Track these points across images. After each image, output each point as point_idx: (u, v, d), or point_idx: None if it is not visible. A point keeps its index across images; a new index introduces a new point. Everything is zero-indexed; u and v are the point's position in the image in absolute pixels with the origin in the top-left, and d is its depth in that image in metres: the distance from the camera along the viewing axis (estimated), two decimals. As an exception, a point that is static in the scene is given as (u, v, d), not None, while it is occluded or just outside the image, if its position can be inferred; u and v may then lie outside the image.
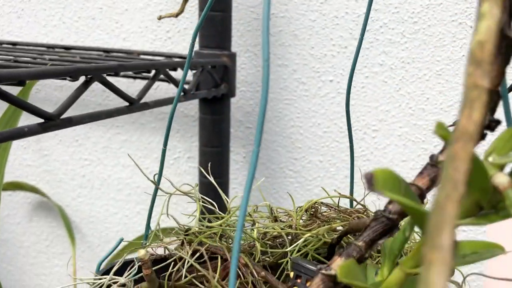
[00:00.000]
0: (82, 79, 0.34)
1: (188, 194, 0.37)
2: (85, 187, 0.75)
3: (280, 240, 0.35)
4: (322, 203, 0.39)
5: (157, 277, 0.32)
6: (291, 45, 0.61)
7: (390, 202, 0.20)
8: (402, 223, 0.20)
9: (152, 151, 0.70)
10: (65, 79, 0.32)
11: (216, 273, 0.31)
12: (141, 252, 0.31)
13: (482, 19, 0.16)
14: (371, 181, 0.21)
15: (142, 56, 0.64)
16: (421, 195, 0.22)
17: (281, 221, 0.37)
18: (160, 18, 0.52)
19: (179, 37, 0.66)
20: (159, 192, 0.38)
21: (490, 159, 0.18)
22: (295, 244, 0.33)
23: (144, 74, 0.49)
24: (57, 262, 0.79)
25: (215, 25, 0.56)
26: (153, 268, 0.32)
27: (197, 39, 0.60)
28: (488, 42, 0.15)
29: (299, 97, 0.62)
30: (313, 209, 0.38)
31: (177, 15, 0.50)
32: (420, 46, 0.57)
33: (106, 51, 0.64)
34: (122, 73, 0.44)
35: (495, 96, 0.20)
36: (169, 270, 0.33)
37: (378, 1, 0.57)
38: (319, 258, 0.34)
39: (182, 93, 0.48)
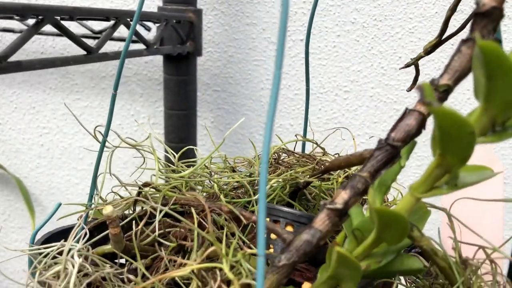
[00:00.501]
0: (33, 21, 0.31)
1: (137, 146, 0.34)
2: (44, 157, 0.71)
3: (242, 190, 0.33)
4: (283, 149, 0.37)
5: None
6: (260, 2, 0.58)
7: (393, 130, 0.18)
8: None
9: (115, 117, 0.67)
10: (12, 18, 0.29)
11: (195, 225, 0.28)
12: (107, 209, 0.28)
13: None
14: (422, 94, 0.19)
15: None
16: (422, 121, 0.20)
17: (239, 171, 0.35)
18: None
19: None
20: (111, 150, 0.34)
21: None
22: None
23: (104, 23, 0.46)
24: (16, 237, 0.75)
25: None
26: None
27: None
28: None
29: (268, 57, 0.60)
30: (274, 156, 0.36)
31: None
32: (393, 3, 0.55)
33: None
34: (79, 19, 0.40)
35: (500, 14, 0.19)
36: (134, 229, 0.31)
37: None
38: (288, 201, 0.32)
39: (145, 47, 0.45)
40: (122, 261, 0.31)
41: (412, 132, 0.18)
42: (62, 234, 0.32)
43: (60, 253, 0.29)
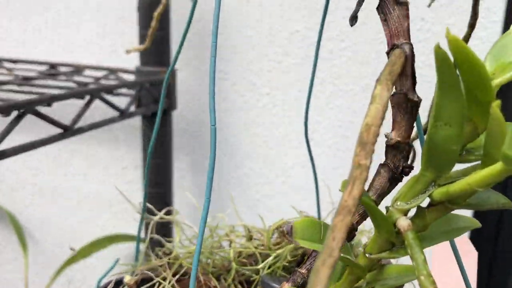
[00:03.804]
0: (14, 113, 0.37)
1: (170, 219, 0.41)
2: (37, 195, 0.77)
3: (254, 258, 0.40)
4: (289, 223, 0.43)
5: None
6: (230, 60, 0.64)
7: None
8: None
9: (100, 161, 0.73)
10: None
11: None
12: (127, 278, 0.35)
13: (373, 102, 0.19)
14: (291, 232, 0.24)
15: (86, 71, 0.67)
16: (351, 230, 0.26)
17: (255, 239, 0.41)
18: (128, 52, 0.55)
19: (123, 50, 0.68)
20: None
21: (396, 204, 0.22)
22: (265, 262, 0.37)
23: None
24: (10, 268, 0.81)
25: (155, 42, 0.59)
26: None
27: (137, 56, 0.62)
28: (374, 125, 0.18)
29: (239, 108, 0.66)
30: (281, 228, 0.42)
31: (144, 49, 0.53)
32: (347, 63, 0.61)
33: (52, 65, 0.66)
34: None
35: (406, 147, 0.23)
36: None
37: (309, 20, 0.61)
38: (285, 275, 0.38)
39: (118, 113, 0.51)
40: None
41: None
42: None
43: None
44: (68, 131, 0.41)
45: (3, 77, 0.59)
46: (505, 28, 0.55)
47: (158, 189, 0.63)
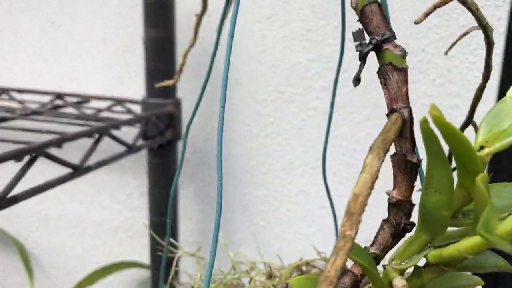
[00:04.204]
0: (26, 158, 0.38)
1: (195, 255, 0.42)
2: (43, 222, 0.78)
3: None
4: (307, 263, 0.43)
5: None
6: (235, 90, 0.65)
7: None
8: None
9: (106, 188, 0.74)
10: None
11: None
12: None
13: (363, 171, 0.19)
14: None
15: (92, 102, 0.68)
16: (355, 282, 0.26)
17: (275, 276, 0.42)
18: (159, 86, 0.56)
19: (128, 80, 0.69)
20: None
21: (393, 263, 0.23)
22: None
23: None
24: (17, 294, 0.82)
25: (161, 75, 0.60)
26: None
27: (143, 88, 0.63)
28: (362, 195, 0.18)
29: (243, 138, 0.67)
30: (300, 270, 0.43)
31: (173, 84, 0.54)
32: (350, 93, 0.62)
33: (58, 95, 0.67)
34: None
35: (407, 205, 0.24)
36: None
37: (311, 51, 0.62)
38: None
39: (126, 148, 0.51)
40: None
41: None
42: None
43: None
44: (77, 170, 0.42)
45: (11, 110, 0.60)
46: (505, 61, 0.56)
47: (163, 218, 0.64)
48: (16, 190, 0.37)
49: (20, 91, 0.68)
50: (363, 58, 0.25)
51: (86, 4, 0.69)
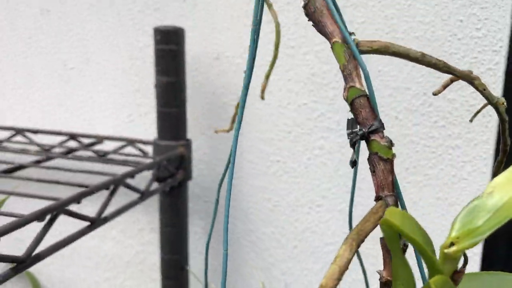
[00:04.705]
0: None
1: None
2: (56, 255, 0.80)
3: None
4: None
5: None
6: (243, 129, 0.68)
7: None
8: None
9: (118, 223, 0.76)
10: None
11: None
12: None
13: (333, 262, 0.21)
14: None
15: (105, 142, 0.70)
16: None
17: None
18: (217, 132, 0.58)
19: (139, 120, 0.72)
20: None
21: None
22: None
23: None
24: (31, 326, 0.83)
25: (171, 119, 0.62)
26: None
27: (155, 130, 0.66)
28: (329, 286, 0.21)
29: (250, 175, 0.69)
30: None
31: (228, 131, 0.57)
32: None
33: (72, 135, 0.70)
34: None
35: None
36: None
37: (316, 94, 0.64)
38: None
39: (139, 195, 0.54)
40: None
41: None
42: None
43: None
44: (95, 223, 0.44)
45: (26, 152, 0.63)
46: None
47: (174, 255, 0.66)
48: (39, 248, 0.39)
49: (35, 131, 0.71)
50: (353, 145, 0.26)
51: (98, 48, 0.72)
